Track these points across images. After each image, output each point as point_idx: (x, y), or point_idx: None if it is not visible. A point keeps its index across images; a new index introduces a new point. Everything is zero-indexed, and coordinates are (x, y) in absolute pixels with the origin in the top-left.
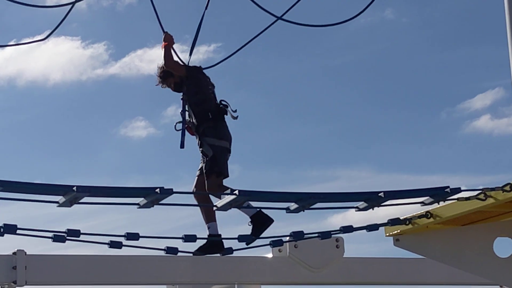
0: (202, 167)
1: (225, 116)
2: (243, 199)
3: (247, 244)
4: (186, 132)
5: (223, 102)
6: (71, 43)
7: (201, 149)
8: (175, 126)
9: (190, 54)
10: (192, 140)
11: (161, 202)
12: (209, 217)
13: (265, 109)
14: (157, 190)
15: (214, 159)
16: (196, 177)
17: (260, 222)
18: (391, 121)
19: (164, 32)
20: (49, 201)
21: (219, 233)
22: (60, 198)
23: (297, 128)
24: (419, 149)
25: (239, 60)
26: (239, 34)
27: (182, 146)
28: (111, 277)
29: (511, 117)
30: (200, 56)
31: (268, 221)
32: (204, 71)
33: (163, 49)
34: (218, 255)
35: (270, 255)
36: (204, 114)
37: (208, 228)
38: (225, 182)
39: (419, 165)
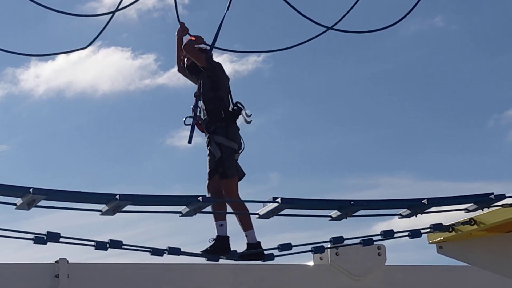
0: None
1: (237, 119)
2: (285, 207)
3: (226, 258)
4: (196, 129)
5: (238, 104)
6: (121, 54)
7: (208, 147)
8: (184, 120)
9: (210, 51)
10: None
11: (203, 210)
12: (219, 217)
13: (309, 117)
14: (199, 198)
15: (220, 160)
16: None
17: (253, 252)
18: (435, 129)
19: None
20: (92, 209)
21: (228, 235)
22: (103, 207)
23: (339, 136)
24: (463, 157)
25: (286, 69)
26: (288, 44)
27: (190, 141)
28: (153, 285)
29: None
30: (249, 67)
31: (261, 255)
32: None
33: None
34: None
35: (311, 263)
36: (217, 113)
37: (219, 227)
38: (264, 190)
39: (462, 172)
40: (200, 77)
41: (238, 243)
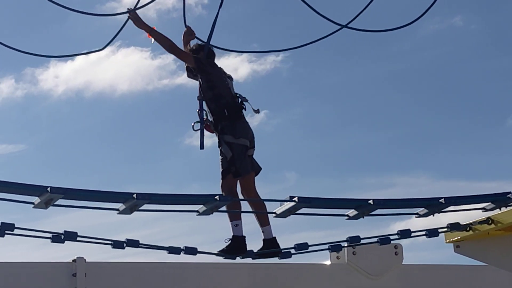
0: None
1: (242, 114)
2: (302, 206)
3: (252, 258)
4: (206, 132)
5: (239, 97)
6: (140, 54)
7: (220, 148)
8: (192, 126)
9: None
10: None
11: (220, 209)
12: (235, 216)
13: (327, 116)
14: (216, 197)
15: (232, 159)
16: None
17: (270, 247)
18: (453, 128)
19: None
20: (109, 208)
21: (244, 234)
22: (120, 206)
23: (356, 135)
24: (480, 156)
25: (305, 69)
26: (304, 43)
27: (201, 147)
28: (169, 284)
29: None
30: (267, 66)
31: (277, 251)
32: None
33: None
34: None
35: (328, 262)
36: (220, 112)
37: (234, 227)
38: (280, 189)
39: (479, 171)
40: (198, 79)
41: (255, 243)
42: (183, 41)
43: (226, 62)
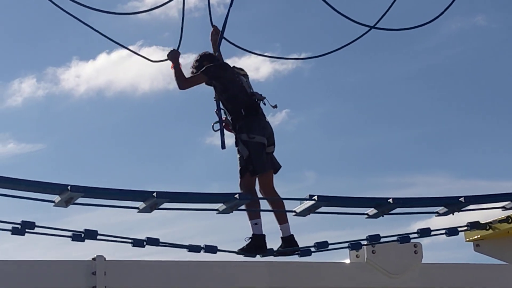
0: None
1: (258, 112)
2: (322, 205)
3: (262, 256)
4: (226, 131)
5: (255, 94)
6: (162, 53)
7: (237, 147)
8: (212, 126)
9: (216, 52)
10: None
11: (239, 208)
12: (254, 215)
13: (349, 116)
14: (236, 196)
15: (249, 158)
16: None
17: (288, 246)
18: (474, 127)
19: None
20: (129, 207)
21: (263, 233)
22: (140, 204)
23: (377, 134)
24: (500, 155)
25: (326, 69)
26: (329, 43)
27: (223, 146)
28: (189, 282)
29: None
30: (289, 66)
31: (296, 248)
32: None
33: (173, 70)
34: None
35: (347, 261)
36: (237, 111)
37: (254, 226)
38: (299, 189)
39: (499, 171)
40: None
41: (274, 241)
42: (211, 41)
43: (248, 62)
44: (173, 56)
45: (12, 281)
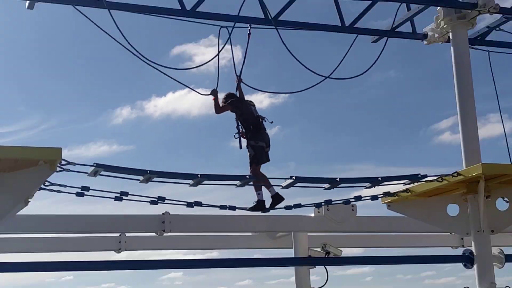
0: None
1: (261, 127)
2: (298, 182)
3: (262, 212)
4: (242, 139)
5: (259, 118)
6: (206, 91)
7: (247, 148)
8: (234, 135)
9: (236, 91)
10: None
11: (249, 184)
12: (258, 188)
13: (316, 130)
14: (247, 176)
15: (254, 155)
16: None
17: (276, 201)
18: (389, 134)
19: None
20: (183, 182)
21: (264, 199)
22: (191, 182)
23: (332, 140)
24: (403, 152)
25: (303, 101)
26: (307, 84)
27: (240, 147)
28: (221, 227)
29: None
30: (280, 100)
31: (281, 200)
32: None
33: (213, 102)
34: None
35: (312, 214)
36: (248, 127)
37: (258, 194)
38: (283, 173)
39: (403, 161)
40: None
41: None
42: (236, 83)
43: (256, 97)
44: (213, 93)
45: (114, 226)
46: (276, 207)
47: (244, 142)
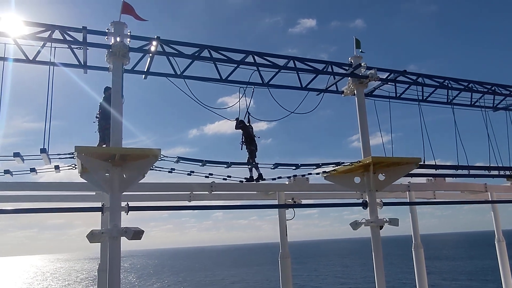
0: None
1: (254, 138)
2: (277, 166)
3: (256, 181)
4: (243, 145)
5: (254, 134)
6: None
7: (247, 149)
8: (240, 142)
9: (244, 118)
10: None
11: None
12: (255, 169)
13: (293, 140)
14: (253, 163)
15: (251, 155)
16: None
17: (261, 178)
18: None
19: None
20: (220, 166)
21: (261, 173)
22: (225, 165)
23: (299, 143)
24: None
25: (287, 124)
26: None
27: (241, 149)
28: (243, 188)
29: None
30: (272, 125)
31: (262, 179)
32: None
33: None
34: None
35: (287, 182)
36: (246, 139)
37: (254, 172)
38: (272, 160)
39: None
40: (241, 129)
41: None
42: (246, 115)
43: (257, 124)
44: (236, 120)
45: (186, 188)
46: (261, 181)
47: (244, 147)
